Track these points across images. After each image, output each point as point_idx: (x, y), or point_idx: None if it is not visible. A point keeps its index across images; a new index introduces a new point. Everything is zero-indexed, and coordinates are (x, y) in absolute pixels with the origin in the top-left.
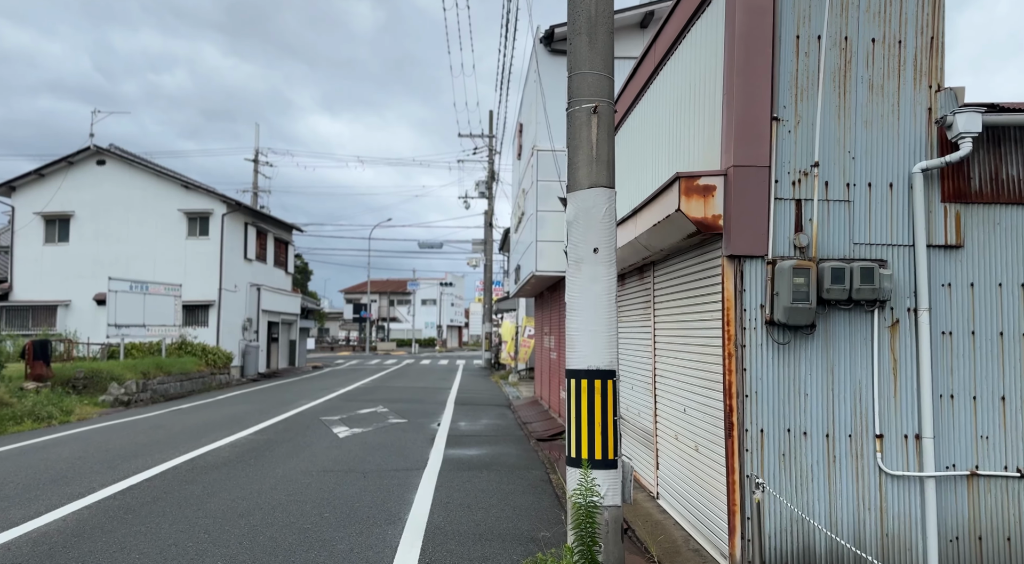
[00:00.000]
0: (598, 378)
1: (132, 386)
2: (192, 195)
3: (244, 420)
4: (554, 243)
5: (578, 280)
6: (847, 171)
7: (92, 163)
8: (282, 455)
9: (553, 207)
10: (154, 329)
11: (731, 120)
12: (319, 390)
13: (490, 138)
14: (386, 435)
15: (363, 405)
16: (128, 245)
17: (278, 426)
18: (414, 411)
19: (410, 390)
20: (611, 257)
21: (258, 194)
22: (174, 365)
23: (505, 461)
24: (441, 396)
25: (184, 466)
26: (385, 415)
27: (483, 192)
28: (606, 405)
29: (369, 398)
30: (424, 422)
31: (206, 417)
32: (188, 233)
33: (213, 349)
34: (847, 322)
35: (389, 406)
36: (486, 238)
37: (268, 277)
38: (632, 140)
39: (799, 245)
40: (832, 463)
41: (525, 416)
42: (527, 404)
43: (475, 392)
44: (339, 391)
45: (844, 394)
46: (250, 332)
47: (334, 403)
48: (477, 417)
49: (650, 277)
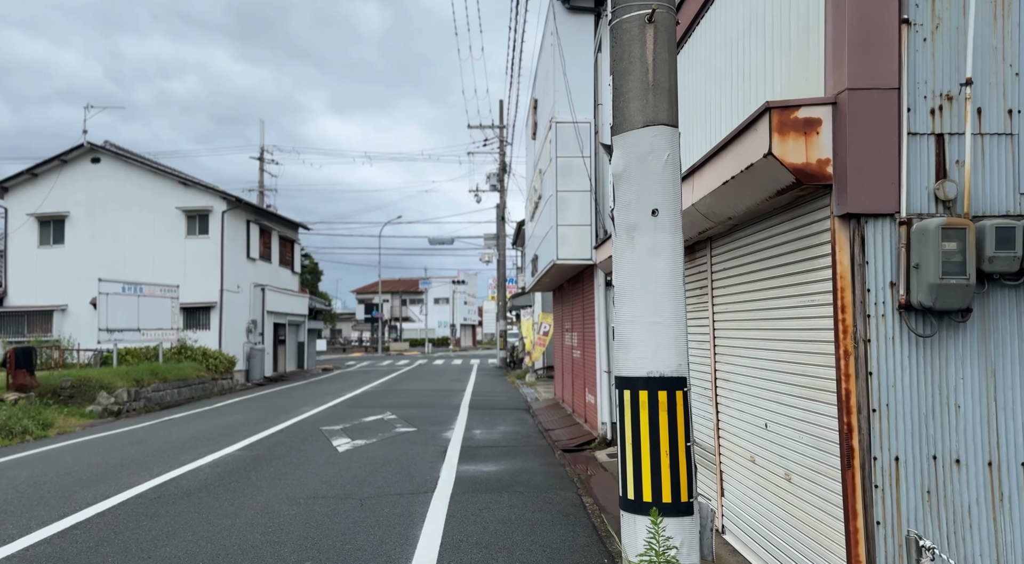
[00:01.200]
0: (663, 388)
1: (123, 395)
2: (191, 192)
3: (236, 432)
4: (577, 228)
5: (630, 255)
6: (1009, 93)
7: (86, 161)
8: (269, 476)
9: (575, 186)
10: (150, 333)
11: (841, 23)
12: (325, 395)
13: (501, 128)
14: (392, 448)
15: (369, 411)
16: (125, 246)
17: (272, 439)
18: (424, 418)
19: (421, 393)
20: (676, 221)
21: (264, 193)
22: (171, 371)
23: (528, 479)
24: (454, 399)
25: (150, 494)
26: (392, 423)
27: (494, 185)
28: (675, 426)
29: (377, 403)
30: (435, 431)
31: (196, 429)
32: (187, 232)
33: (214, 353)
34: (1016, 304)
35: (398, 412)
36: (498, 232)
37: (273, 277)
38: None
39: (944, 197)
40: (999, 503)
41: (546, 421)
42: (547, 407)
43: (491, 394)
44: (346, 396)
45: (1013, 405)
46: (255, 334)
47: (338, 410)
48: (494, 423)
49: (705, 256)
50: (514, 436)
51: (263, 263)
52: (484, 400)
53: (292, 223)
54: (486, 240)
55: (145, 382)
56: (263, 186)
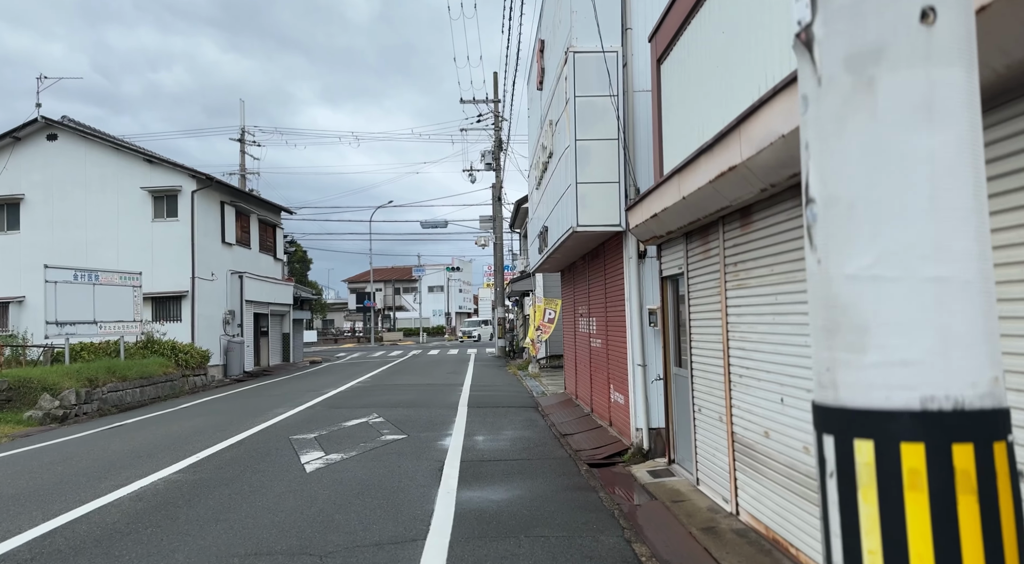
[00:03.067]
0: (964, 437)
1: (70, 397)
2: (157, 171)
3: (188, 443)
4: (602, 186)
5: (862, 119)
6: None
7: (42, 138)
8: (203, 516)
9: (599, 133)
10: (108, 326)
11: None
12: (306, 392)
13: (495, 103)
14: (374, 465)
15: (353, 413)
16: (87, 231)
17: (227, 454)
18: (417, 420)
19: (414, 389)
20: (969, 38)
21: (246, 176)
22: (132, 368)
23: (552, 513)
24: (451, 396)
25: (23, 553)
26: (378, 428)
27: (489, 163)
28: (996, 537)
29: (363, 402)
30: (429, 438)
31: (143, 439)
32: (154, 214)
33: (185, 347)
34: None
35: (386, 413)
36: (495, 214)
37: (253, 264)
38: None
39: None
40: None
41: (561, 423)
42: (559, 404)
43: (492, 388)
44: (329, 393)
45: None
46: (233, 326)
47: (318, 411)
48: (498, 426)
49: None
50: (525, 444)
51: (241, 249)
52: (485, 396)
53: (274, 206)
54: (482, 223)
55: (100, 381)
56: (245, 169)
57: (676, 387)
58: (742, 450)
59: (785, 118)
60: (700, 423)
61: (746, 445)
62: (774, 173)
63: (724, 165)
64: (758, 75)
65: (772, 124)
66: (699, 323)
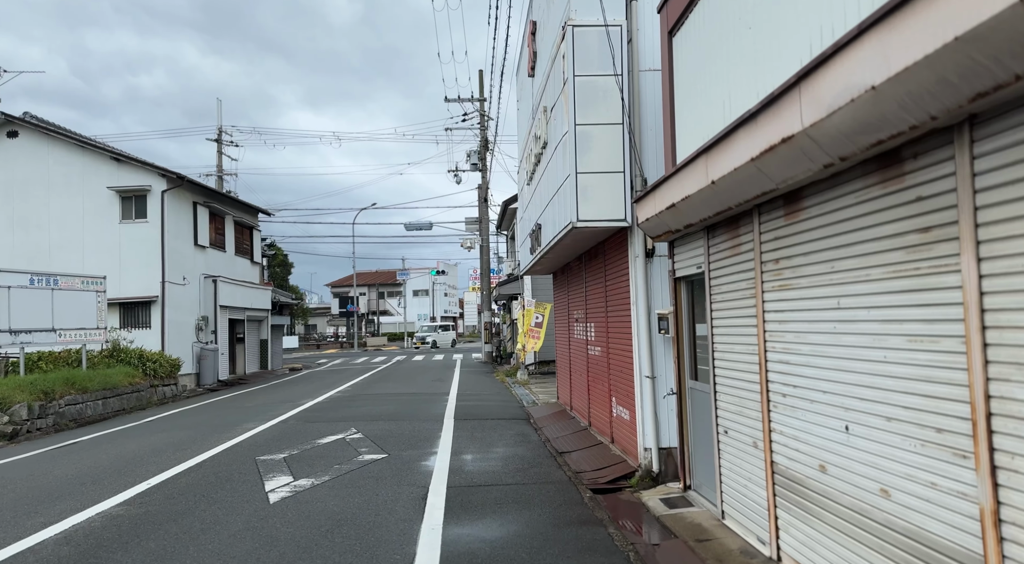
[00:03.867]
0: None
1: (21, 412)
2: (125, 170)
3: (143, 465)
4: (605, 177)
5: None
6: None
7: (1, 136)
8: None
9: (601, 117)
10: (69, 334)
11: None
12: (281, 403)
13: (481, 102)
14: (349, 493)
15: (330, 428)
16: (51, 233)
17: (181, 480)
18: (399, 436)
19: (397, 399)
20: None
21: (223, 177)
22: (93, 379)
23: (558, 558)
24: (436, 407)
25: None
26: (356, 446)
27: (475, 164)
28: None
29: (341, 415)
30: (411, 458)
31: (94, 460)
32: (122, 216)
33: (154, 355)
34: None
35: (365, 428)
36: (481, 215)
37: (228, 267)
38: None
39: None
40: None
41: (556, 438)
42: (552, 416)
43: (479, 398)
44: (306, 404)
45: None
46: (206, 332)
47: (291, 426)
48: (488, 442)
49: None
50: (519, 464)
51: (215, 252)
52: (472, 406)
53: (250, 207)
54: (467, 224)
55: (56, 394)
56: (222, 170)
57: (693, 403)
58: (786, 484)
59: (879, 63)
60: (726, 447)
61: (792, 479)
62: (848, 142)
63: (775, 136)
64: (810, 26)
65: (856, 74)
66: (725, 331)
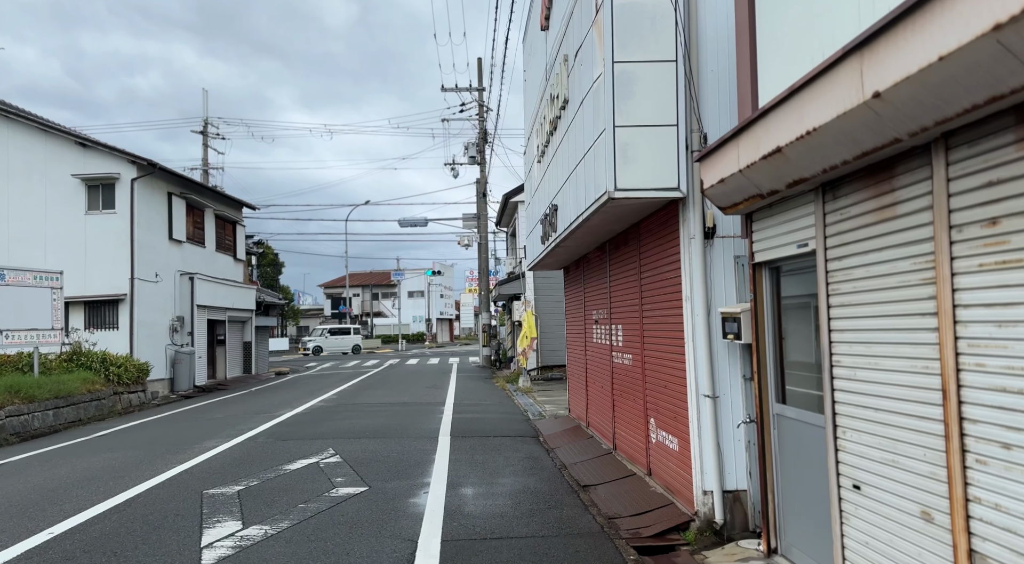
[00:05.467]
0: None
1: None
2: (91, 156)
3: (58, 501)
4: (651, 130)
5: None
6: None
7: None
8: None
9: (649, 52)
10: (17, 336)
11: None
12: (255, 414)
13: (480, 91)
14: (310, 552)
15: (303, 448)
16: (9, 225)
17: (99, 525)
18: (384, 460)
19: (386, 410)
20: None
21: (209, 172)
22: (43, 387)
23: None
24: (430, 420)
25: None
26: (331, 474)
27: (473, 157)
28: None
29: (320, 430)
30: (398, 492)
31: (4, 492)
32: (88, 206)
33: (119, 359)
34: None
35: (345, 448)
36: (479, 211)
37: (208, 264)
38: None
39: None
40: None
41: (572, 462)
42: (565, 434)
43: (479, 408)
44: (283, 415)
45: None
46: (182, 334)
47: (259, 445)
48: (493, 469)
49: None
50: (533, 503)
51: (193, 247)
52: (472, 420)
53: (234, 201)
54: (465, 221)
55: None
56: (207, 163)
57: (782, 435)
58: None
59: None
60: (858, 510)
61: None
62: None
63: None
64: None
65: None
66: (860, 336)
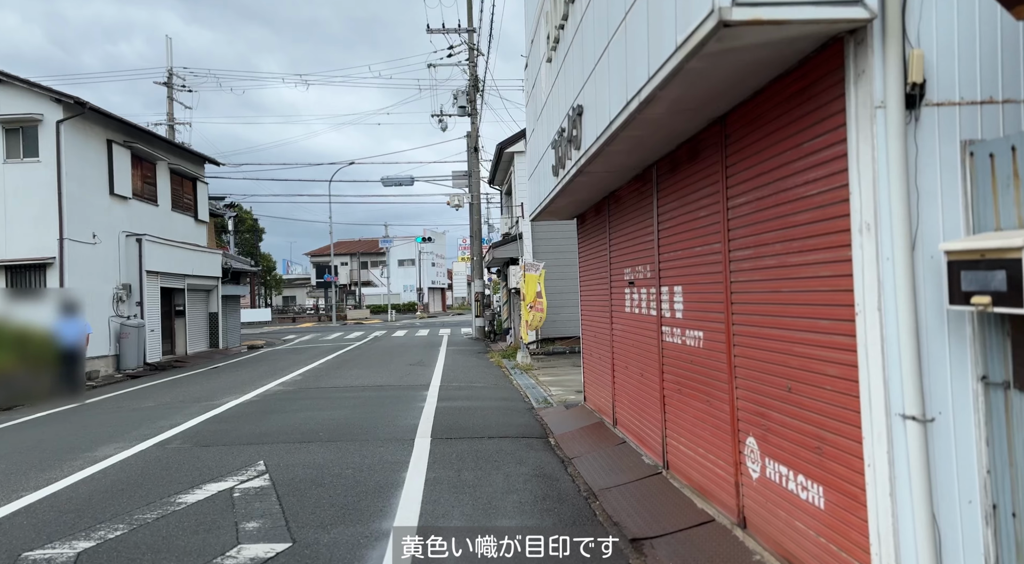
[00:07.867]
0: None
1: None
2: (9, 94)
3: None
4: None
5: None
6: None
7: None
8: None
9: None
10: None
11: None
12: (190, 403)
13: (470, 33)
14: None
15: (223, 461)
16: None
17: None
18: (330, 485)
19: (355, 396)
20: None
21: (174, 127)
22: None
23: None
24: (408, 412)
25: None
26: (242, 517)
27: (463, 107)
28: None
29: (260, 429)
30: (337, 551)
31: None
32: (7, 154)
33: (39, 335)
34: None
35: (281, 461)
36: (470, 168)
37: (162, 225)
38: None
39: None
40: None
41: (603, 488)
42: (583, 433)
43: (471, 393)
44: (224, 405)
45: None
46: (129, 304)
47: (166, 455)
48: (487, 500)
49: None
50: None
51: (143, 205)
52: (461, 411)
53: (193, 154)
54: (455, 179)
55: None
56: (172, 118)
57: None
58: None
59: None
60: None
61: None
62: None
63: None
64: None
65: None
66: None
